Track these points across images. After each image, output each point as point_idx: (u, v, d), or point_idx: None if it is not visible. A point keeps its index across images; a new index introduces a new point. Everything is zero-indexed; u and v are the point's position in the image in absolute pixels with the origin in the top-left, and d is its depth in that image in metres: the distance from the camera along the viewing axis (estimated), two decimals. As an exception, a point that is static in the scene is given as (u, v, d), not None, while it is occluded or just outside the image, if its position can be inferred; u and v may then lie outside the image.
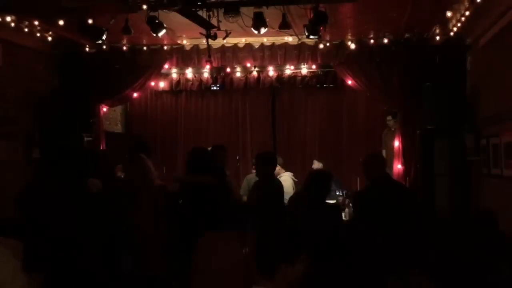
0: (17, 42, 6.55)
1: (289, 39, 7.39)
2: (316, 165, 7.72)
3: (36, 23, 6.41)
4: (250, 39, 7.47)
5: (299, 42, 7.44)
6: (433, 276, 2.68)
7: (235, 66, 8.29)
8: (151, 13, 5.68)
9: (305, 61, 7.86)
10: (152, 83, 8.47)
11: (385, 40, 7.23)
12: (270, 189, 5.07)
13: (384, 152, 8.18)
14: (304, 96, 9.02)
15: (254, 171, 5.99)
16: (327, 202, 4.91)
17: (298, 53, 7.58)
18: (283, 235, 4.41)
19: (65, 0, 5.56)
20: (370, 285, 3.56)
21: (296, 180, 7.06)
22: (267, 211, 4.80)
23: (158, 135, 9.16)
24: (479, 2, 5.24)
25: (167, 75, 8.83)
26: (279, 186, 5.25)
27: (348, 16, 6.40)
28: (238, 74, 8.64)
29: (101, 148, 7.76)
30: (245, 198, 6.37)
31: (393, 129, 7.81)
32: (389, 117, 7.84)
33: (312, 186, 4.76)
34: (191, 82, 8.92)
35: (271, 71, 8.52)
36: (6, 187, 5.20)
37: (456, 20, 6.12)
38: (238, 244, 3.88)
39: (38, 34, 6.71)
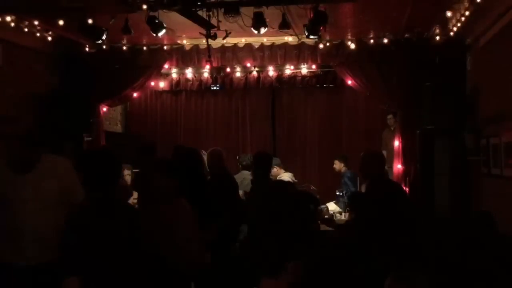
0: (17, 42, 6.55)
1: (289, 39, 7.39)
2: (338, 165, 7.73)
3: (36, 23, 6.41)
4: (250, 39, 7.47)
5: (299, 42, 7.44)
6: (430, 275, 2.69)
7: (235, 66, 8.29)
8: (151, 13, 5.68)
9: (305, 61, 7.86)
10: (152, 83, 8.47)
11: (385, 40, 7.23)
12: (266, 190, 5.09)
13: (384, 153, 8.20)
14: (304, 96, 9.02)
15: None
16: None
17: (298, 53, 7.58)
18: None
19: (65, 0, 5.56)
20: (371, 283, 3.56)
21: (296, 181, 7.06)
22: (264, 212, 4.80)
23: (158, 135, 9.15)
24: (479, 2, 5.24)
25: (167, 75, 8.84)
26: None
27: (348, 16, 6.40)
28: (238, 74, 8.64)
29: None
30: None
31: (392, 128, 7.81)
32: (390, 116, 7.83)
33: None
34: (191, 82, 8.93)
35: (271, 71, 8.52)
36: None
37: (456, 20, 6.12)
38: None
39: (38, 34, 6.70)
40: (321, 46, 7.43)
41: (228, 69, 8.48)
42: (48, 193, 3.50)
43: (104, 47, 7.44)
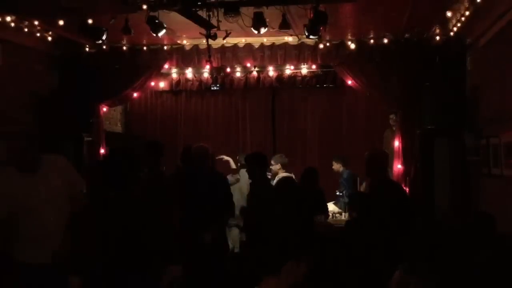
0: (17, 42, 6.54)
1: (289, 39, 7.38)
2: (335, 166, 7.76)
3: (36, 23, 6.41)
4: (250, 39, 7.47)
5: (299, 42, 7.43)
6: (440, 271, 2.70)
7: (235, 66, 8.30)
8: (151, 13, 5.68)
9: (305, 61, 7.85)
10: (152, 83, 8.46)
11: (385, 40, 7.22)
12: (265, 190, 5.11)
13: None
14: (304, 96, 9.03)
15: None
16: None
17: (298, 53, 7.57)
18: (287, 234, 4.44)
19: (65, 0, 5.56)
20: (372, 282, 3.57)
21: (296, 181, 7.05)
22: (267, 211, 4.81)
23: (158, 135, 9.15)
24: (479, 2, 5.24)
25: (167, 75, 8.84)
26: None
27: (348, 16, 6.40)
28: (238, 74, 8.64)
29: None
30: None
31: (394, 128, 7.81)
32: (392, 116, 7.81)
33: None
34: (191, 82, 8.93)
35: (271, 71, 8.52)
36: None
37: (456, 20, 6.12)
38: None
39: (38, 34, 6.71)
40: (321, 46, 7.42)
41: (228, 69, 8.48)
42: (58, 191, 3.60)
43: (104, 47, 7.43)
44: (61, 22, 6.23)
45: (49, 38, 6.94)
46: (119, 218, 2.91)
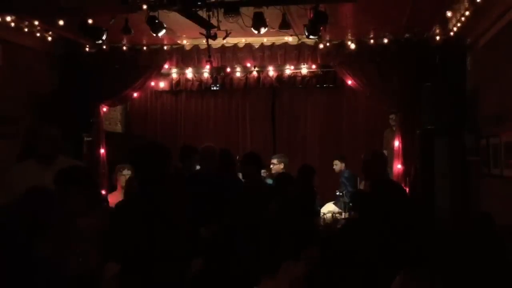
0: (17, 42, 6.55)
1: (289, 39, 7.39)
2: (338, 165, 7.77)
3: (36, 23, 6.41)
4: (250, 39, 7.47)
5: (299, 42, 7.44)
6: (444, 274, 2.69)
7: (235, 66, 8.29)
8: (151, 13, 5.68)
9: (305, 61, 7.85)
10: (152, 83, 8.46)
11: (385, 40, 7.23)
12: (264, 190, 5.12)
13: (385, 153, 8.19)
14: (304, 96, 9.02)
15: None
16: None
17: (298, 53, 7.58)
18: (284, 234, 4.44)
19: (65, 0, 5.57)
20: (373, 283, 3.56)
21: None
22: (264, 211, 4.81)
23: (158, 135, 9.16)
24: (479, 2, 5.24)
25: (167, 75, 8.83)
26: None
27: (348, 16, 6.40)
28: (238, 74, 8.64)
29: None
30: None
31: (394, 128, 7.81)
32: (392, 116, 7.82)
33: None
34: (191, 82, 8.92)
35: (271, 71, 8.51)
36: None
37: (456, 20, 6.12)
38: None
39: (38, 34, 6.71)
40: (321, 46, 7.43)
41: (228, 69, 8.47)
42: None
43: (104, 47, 7.44)
44: (61, 22, 6.23)
45: (49, 38, 6.95)
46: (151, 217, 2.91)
